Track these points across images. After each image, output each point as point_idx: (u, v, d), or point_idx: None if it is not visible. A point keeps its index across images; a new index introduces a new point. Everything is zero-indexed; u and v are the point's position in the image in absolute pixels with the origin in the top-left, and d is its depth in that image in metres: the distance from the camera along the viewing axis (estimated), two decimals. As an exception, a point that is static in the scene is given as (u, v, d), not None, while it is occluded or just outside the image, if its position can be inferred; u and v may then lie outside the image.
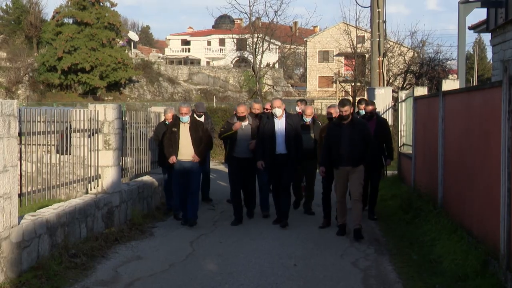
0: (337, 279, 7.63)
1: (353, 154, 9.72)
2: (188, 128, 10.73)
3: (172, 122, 11.15)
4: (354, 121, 9.92)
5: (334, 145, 9.87)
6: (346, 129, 9.75)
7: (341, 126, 9.87)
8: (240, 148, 11.12)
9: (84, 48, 58.87)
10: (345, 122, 9.80)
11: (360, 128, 9.92)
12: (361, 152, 9.79)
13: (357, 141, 9.75)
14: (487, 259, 7.53)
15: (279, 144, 10.62)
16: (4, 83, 60.17)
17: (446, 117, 10.86)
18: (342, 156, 9.75)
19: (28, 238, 7.61)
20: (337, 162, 9.92)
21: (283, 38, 57.53)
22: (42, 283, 7.20)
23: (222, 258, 8.55)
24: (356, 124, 9.91)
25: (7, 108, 7.20)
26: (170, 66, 71.94)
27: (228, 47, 64.84)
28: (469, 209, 9.07)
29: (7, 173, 7.20)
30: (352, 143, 9.70)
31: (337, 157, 9.84)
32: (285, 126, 10.70)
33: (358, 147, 9.76)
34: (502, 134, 7.15)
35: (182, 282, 7.46)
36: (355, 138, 9.73)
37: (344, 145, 9.72)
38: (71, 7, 61.36)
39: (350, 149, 9.70)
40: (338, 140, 9.78)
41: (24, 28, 65.91)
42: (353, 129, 9.76)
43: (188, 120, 10.74)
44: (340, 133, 9.79)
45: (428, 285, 7.19)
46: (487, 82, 18.94)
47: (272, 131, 10.62)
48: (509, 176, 7.02)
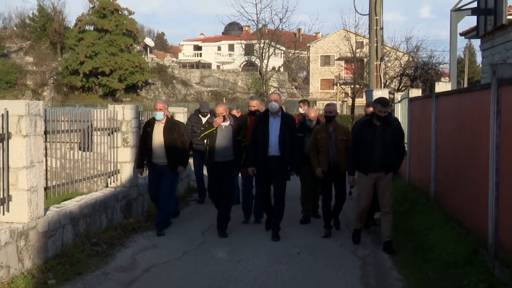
0: (337, 266, 7.65)
1: (385, 159, 8.24)
2: (163, 128, 9.39)
3: (147, 122, 9.79)
4: (388, 122, 8.36)
5: (365, 147, 8.26)
6: (380, 130, 8.20)
7: (373, 127, 8.25)
8: (219, 150, 9.32)
9: (104, 53, 59.10)
10: (378, 123, 8.25)
11: (394, 129, 8.41)
12: (393, 157, 8.35)
13: (391, 144, 8.25)
14: (476, 248, 7.53)
15: (272, 145, 9.00)
16: (31, 86, 60.47)
17: (438, 117, 10.85)
18: (374, 161, 8.22)
19: (53, 228, 7.66)
20: (367, 167, 8.32)
21: (288, 44, 57.52)
22: (66, 269, 7.25)
23: (231, 247, 8.57)
24: (390, 126, 8.38)
25: (34, 108, 7.24)
26: (183, 70, 72.05)
27: (237, 52, 64.79)
28: (460, 202, 9.08)
29: (33, 168, 7.24)
30: (385, 147, 8.20)
31: (368, 162, 8.26)
32: (280, 126, 9.05)
33: (391, 152, 8.28)
34: (491, 132, 7.16)
35: (194, 269, 7.49)
36: (388, 142, 8.22)
37: (376, 149, 8.19)
38: (92, 15, 61.58)
39: (383, 153, 8.20)
40: (371, 142, 8.20)
41: (49, 35, 66.14)
42: (387, 132, 8.24)
43: (162, 117, 9.41)
44: (373, 134, 8.20)
45: (421, 271, 7.19)
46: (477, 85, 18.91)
47: (266, 130, 9.03)
48: (497, 171, 7.03)
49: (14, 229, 6.83)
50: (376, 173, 8.28)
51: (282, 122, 9.08)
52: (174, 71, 69.00)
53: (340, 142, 9.07)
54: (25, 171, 7.07)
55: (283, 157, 9.00)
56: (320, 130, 9.27)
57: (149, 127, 9.45)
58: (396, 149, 8.38)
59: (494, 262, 6.89)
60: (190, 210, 11.57)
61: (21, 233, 6.95)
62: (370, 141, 8.19)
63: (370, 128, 8.27)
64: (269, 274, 7.21)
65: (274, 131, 9.00)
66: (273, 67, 51.63)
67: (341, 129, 9.36)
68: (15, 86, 59.68)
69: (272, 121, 9.08)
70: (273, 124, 9.05)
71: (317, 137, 9.17)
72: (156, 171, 9.47)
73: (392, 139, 8.25)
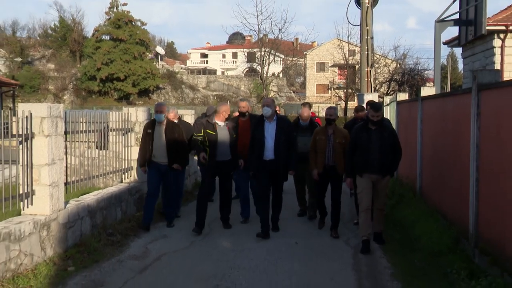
0: (332, 254, 7.66)
1: (382, 162, 7.74)
2: (164, 129, 9.05)
3: (148, 123, 9.31)
4: (384, 126, 7.92)
5: (362, 150, 7.79)
6: (376, 134, 7.72)
7: (369, 132, 7.77)
8: (220, 151, 8.86)
9: (119, 60, 59.09)
10: (373, 127, 7.79)
11: (389, 132, 7.92)
12: (390, 160, 7.87)
13: (387, 147, 7.75)
14: (458, 238, 7.54)
15: (268, 149, 8.47)
16: (52, 90, 60.51)
17: (424, 119, 10.84)
18: (371, 163, 7.72)
19: (73, 219, 7.66)
20: (363, 169, 7.82)
21: (286, 52, 57.61)
22: (84, 257, 7.26)
23: (235, 237, 8.56)
24: (386, 129, 7.92)
25: (55, 111, 7.24)
26: (191, 76, 71.95)
27: (240, 59, 64.87)
28: (444, 197, 9.07)
29: (55, 165, 7.24)
30: (381, 149, 7.70)
31: (365, 164, 7.78)
32: (276, 130, 8.48)
33: (387, 154, 7.78)
34: (472, 133, 7.16)
35: (201, 257, 7.49)
36: (384, 145, 7.73)
37: (373, 152, 7.70)
38: (108, 26, 61.56)
39: (379, 156, 7.70)
40: (367, 145, 7.72)
41: (69, 44, 66.19)
42: (382, 135, 7.74)
43: (163, 119, 9.04)
44: (369, 138, 7.72)
45: (408, 259, 7.19)
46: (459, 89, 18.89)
47: (262, 135, 8.51)
48: (477, 168, 7.03)
49: (37, 220, 6.84)
50: (374, 175, 7.80)
51: (278, 126, 8.53)
52: (182, 77, 68.91)
53: (338, 145, 8.51)
54: (47, 168, 7.08)
55: (279, 160, 8.47)
56: (319, 132, 8.79)
57: (150, 128, 9.07)
58: (393, 151, 7.90)
59: (474, 251, 6.89)
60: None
61: (44, 224, 6.95)
62: (367, 145, 7.72)
63: (365, 133, 7.77)
64: (269, 262, 7.22)
65: (270, 135, 8.49)
66: (273, 73, 51.75)
67: (340, 132, 8.72)
68: (38, 91, 59.69)
69: (267, 126, 8.56)
70: (268, 129, 8.53)
71: (316, 138, 8.68)
72: (159, 170, 9.07)
73: (388, 142, 7.78)
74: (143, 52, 61.81)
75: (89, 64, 60.46)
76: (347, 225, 9.25)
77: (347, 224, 9.28)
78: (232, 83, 70.69)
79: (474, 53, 21.61)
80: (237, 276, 6.67)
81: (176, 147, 9.12)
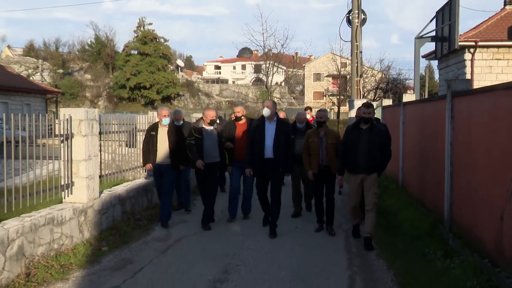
0: (327, 237, 7.66)
1: (369, 161, 6.97)
2: (167, 131, 8.36)
3: (151, 126, 8.65)
4: (373, 126, 7.11)
5: (351, 149, 7.07)
6: (365, 134, 7.00)
7: (359, 130, 7.07)
8: (206, 153, 8.11)
9: (145, 71, 59.29)
10: (364, 127, 7.07)
11: (379, 133, 7.07)
12: (377, 160, 7.03)
13: (375, 147, 6.97)
14: (435, 224, 7.50)
15: (267, 149, 7.68)
16: (89, 97, 60.85)
17: (405, 121, 10.81)
18: (358, 162, 7.01)
19: (106, 207, 7.68)
20: (352, 167, 7.14)
21: (288, 64, 57.57)
22: (116, 239, 7.29)
23: (243, 222, 8.55)
24: (375, 129, 7.09)
25: (91, 114, 7.25)
26: (206, 84, 72.06)
27: (248, 71, 64.80)
28: (422, 188, 9.04)
29: (91, 161, 7.25)
30: (369, 149, 6.95)
31: (353, 162, 7.07)
32: (275, 131, 7.70)
33: (375, 154, 6.99)
34: (446, 133, 7.13)
35: (215, 239, 7.49)
36: (373, 144, 6.96)
37: (361, 151, 6.98)
38: (136, 42, 61.76)
39: (367, 155, 6.95)
40: (356, 145, 7.01)
41: (103, 58, 66.46)
42: (372, 134, 7.00)
43: (168, 122, 8.40)
44: (358, 137, 7.01)
45: (392, 242, 7.16)
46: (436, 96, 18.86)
47: (262, 135, 7.72)
48: (451, 163, 7.01)
49: (76, 207, 6.85)
50: (361, 174, 7.06)
51: (277, 127, 7.75)
52: (199, 86, 69.02)
53: (330, 145, 7.70)
54: (84, 163, 7.10)
55: (277, 159, 7.65)
56: (311, 134, 7.91)
57: (153, 130, 8.41)
58: (381, 151, 7.05)
59: (449, 234, 6.87)
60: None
61: (81, 211, 6.97)
62: (356, 144, 6.99)
63: (356, 132, 7.06)
64: (273, 244, 7.21)
65: (270, 136, 7.69)
66: (276, 82, 51.52)
67: (331, 133, 7.90)
68: (77, 97, 59.97)
69: (268, 126, 7.76)
70: (269, 129, 7.74)
71: (309, 140, 7.81)
72: (160, 170, 8.42)
73: (377, 141, 6.97)
74: (166, 65, 62.01)
75: (120, 75, 60.71)
76: (340, 212, 9.15)
77: (340, 211, 9.18)
78: (241, 90, 70.74)
79: (448, 65, 21.56)
80: (246, 255, 6.66)
81: (177, 147, 8.43)
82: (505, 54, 19.48)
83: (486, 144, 5.85)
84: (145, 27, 62.91)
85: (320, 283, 5.63)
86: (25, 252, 5.66)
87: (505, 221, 5.25)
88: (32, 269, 5.61)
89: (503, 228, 5.30)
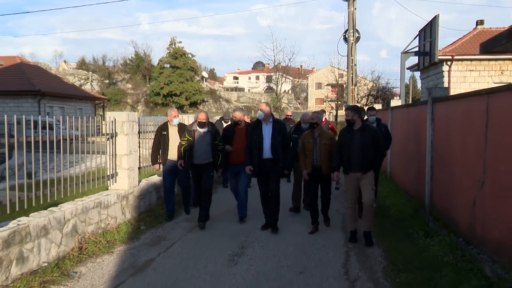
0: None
1: (363, 160, 6.09)
2: (177, 130, 7.65)
3: (160, 126, 7.75)
4: (365, 127, 6.22)
5: (345, 150, 6.20)
6: (357, 135, 6.15)
7: (352, 132, 6.20)
8: (197, 154, 7.08)
9: (176, 81, 59.42)
10: (355, 128, 6.18)
11: (370, 134, 6.16)
12: (371, 158, 6.12)
13: (368, 147, 6.10)
14: (417, 208, 7.44)
15: (266, 149, 6.74)
16: (129, 102, 61.19)
17: (393, 123, 10.71)
18: (353, 162, 6.13)
19: (144, 193, 7.72)
20: (347, 168, 6.24)
21: (294, 75, 57.28)
22: (152, 220, 7.32)
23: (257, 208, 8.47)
24: (366, 130, 6.18)
25: (131, 117, 7.30)
26: (226, 92, 72.02)
27: (261, 80, 65.06)
28: (407, 178, 8.96)
29: (131, 155, 7.30)
30: (362, 149, 6.08)
31: (348, 163, 6.20)
32: (272, 132, 6.77)
33: (368, 153, 6.10)
34: (427, 132, 7.06)
35: (234, 220, 7.49)
36: (365, 144, 6.09)
37: (354, 151, 6.11)
38: (168, 57, 61.90)
39: (361, 155, 6.09)
40: (349, 145, 6.16)
41: (141, 70, 66.74)
42: (363, 135, 6.13)
43: (177, 122, 7.71)
44: (351, 138, 6.18)
45: (381, 223, 7.09)
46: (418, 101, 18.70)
47: (260, 136, 6.77)
48: (431, 158, 6.94)
49: (119, 193, 6.90)
50: (358, 173, 6.15)
51: (274, 127, 6.81)
52: (220, 93, 69.02)
53: (323, 146, 6.72)
54: (126, 157, 7.14)
55: (276, 159, 6.72)
56: (307, 135, 6.93)
57: (164, 130, 7.65)
58: (374, 150, 6.14)
59: (429, 217, 6.80)
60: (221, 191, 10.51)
61: (124, 196, 7.02)
62: (349, 144, 6.15)
63: (349, 133, 6.22)
64: (281, 224, 7.10)
65: (267, 136, 6.77)
66: (284, 90, 51.49)
67: (325, 134, 6.87)
68: (120, 103, 60.33)
69: (265, 127, 6.82)
70: (266, 130, 6.80)
71: (305, 141, 6.90)
72: (172, 167, 7.53)
73: (369, 141, 6.08)
74: (193, 76, 62.08)
75: (155, 84, 60.95)
76: (338, 198, 9.00)
77: (338, 198, 9.01)
78: (255, 97, 70.61)
79: (429, 75, 21.36)
80: (259, 234, 6.65)
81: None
82: (477, 66, 19.32)
83: (461, 142, 5.78)
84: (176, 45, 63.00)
85: (321, 257, 5.60)
86: (78, 230, 5.72)
87: (477, 206, 5.19)
88: (84, 244, 5.67)
89: (475, 212, 5.25)
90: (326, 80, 57.54)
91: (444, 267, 4.91)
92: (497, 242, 4.71)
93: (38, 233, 4.99)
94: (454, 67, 19.37)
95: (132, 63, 69.71)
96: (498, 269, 4.43)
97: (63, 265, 5.08)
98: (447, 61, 19.40)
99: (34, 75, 29.03)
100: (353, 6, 15.98)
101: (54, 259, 5.17)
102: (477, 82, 19.03)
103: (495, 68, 19.05)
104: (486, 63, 19.10)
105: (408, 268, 5.02)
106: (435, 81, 20.45)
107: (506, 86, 4.64)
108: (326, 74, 55.42)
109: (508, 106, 4.47)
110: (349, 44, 16.33)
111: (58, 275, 4.80)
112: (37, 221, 5.01)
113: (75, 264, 5.22)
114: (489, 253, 4.83)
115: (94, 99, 34.49)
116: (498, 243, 4.68)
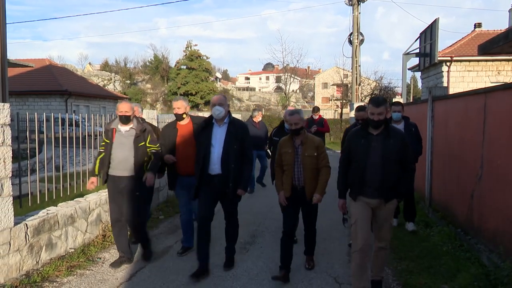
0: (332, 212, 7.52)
1: (385, 182, 3.59)
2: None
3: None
4: (388, 131, 3.65)
5: (357, 165, 3.67)
6: (377, 141, 3.63)
7: (368, 138, 3.66)
8: (115, 163, 4.54)
9: (192, 82, 59.52)
10: (375, 132, 3.65)
11: (397, 141, 3.61)
12: (395, 178, 3.62)
13: (392, 161, 3.59)
14: (418, 201, 7.38)
15: (214, 162, 4.31)
16: (149, 101, 61.52)
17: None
18: (369, 182, 3.62)
19: (162, 185, 7.74)
20: (358, 190, 3.71)
21: (301, 76, 57.18)
22: (170, 210, 7.37)
23: (268, 199, 8.51)
24: (391, 135, 3.63)
25: (151, 115, 7.35)
26: (238, 92, 72.02)
27: (271, 81, 64.89)
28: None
29: (151, 150, 7.33)
30: (384, 163, 3.58)
31: (360, 183, 3.67)
32: (225, 137, 4.32)
33: (392, 170, 3.60)
34: (428, 129, 7.00)
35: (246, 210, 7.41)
36: (389, 157, 3.58)
37: (371, 166, 3.60)
38: (185, 59, 62.00)
39: (381, 172, 3.58)
40: (363, 157, 3.63)
41: (160, 71, 66.96)
42: (386, 142, 3.61)
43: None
44: (367, 147, 3.64)
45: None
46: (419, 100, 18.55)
47: (208, 142, 4.34)
48: (431, 153, 6.87)
49: (140, 186, 6.94)
50: (374, 200, 3.67)
51: (228, 131, 4.36)
52: (233, 93, 69.06)
53: (308, 159, 4.22)
54: (146, 152, 7.17)
55: (227, 175, 4.32)
56: (284, 144, 4.35)
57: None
58: (401, 167, 3.66)
59: (428, 209, 6.75)
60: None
61: (144, 188, 7.05)
62: (364, 157, 3.64)
63: (363, 139, 3.69)
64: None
65: (218, 143, 4.34)
66: (292, 90, 51.31)
67: (311, 143, 4.27)
68: (140, 102, 60.77)
69: (216, 130, 4.39)
70: (217, 135, 4.37)
71: (282, 152, 4.35)
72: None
73: (394, 153, 3.59)
74: (207, 76, 62.14)
75: (173, 85, 61.13)
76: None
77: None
78: (266, 96, 70.54)
79: (429, 75, 21.13)
80: (269, 224, 6.66)
81: None
82: (474, 67, 19.11)
83: (459, 138, 5.71)
84: (191, 48, 63.10)
85: (327, 245, 5.58)
86: (101, 218, 5.76)
87: (474, 199, 5.13)
88: (107, 232, 5.72)
89: (472, 205, 5.19)
90: (332, 80, 57.18)
91: (443, 256, 4.87)
92: (493, 232, 4.66)
93: (65, 221, 5.04)
94: (453, 68, 19.16)
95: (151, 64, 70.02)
96: (495, 258, 4.38)
97: (88, 251, 5.14)
98: (446, 62, 19.19)
99: (62, 76, 29.38)
100: (357, 10, 15.86)
101: (80, 246, 5.23)
102: (475, 82, 18.81)
103: (492, 68, 18.82)
104: (484, 64, 18.87)
105: (409, 257, 4.99)
106: (435, 81, 20.24)
107: (503, 85, 4.58)
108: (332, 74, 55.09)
109: (504, 104, 4.41)
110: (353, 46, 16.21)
111: (83, 260, 4.86)
112: (65, 210, 5.07)
113: (99, 251, 5.27)
114: (486, 243, 4.77)
115: (117, 98, 34.74)
116: (494, 233, 4.63)
